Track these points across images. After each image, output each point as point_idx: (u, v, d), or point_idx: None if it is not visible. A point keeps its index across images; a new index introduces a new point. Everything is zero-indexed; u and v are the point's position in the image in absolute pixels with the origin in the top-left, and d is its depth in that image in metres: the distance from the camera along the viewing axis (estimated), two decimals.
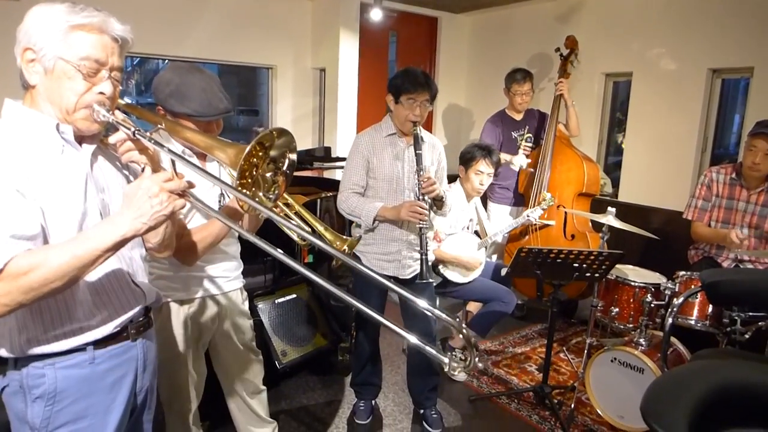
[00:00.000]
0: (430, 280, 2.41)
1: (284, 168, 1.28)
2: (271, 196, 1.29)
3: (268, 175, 1.25)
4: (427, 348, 1.11)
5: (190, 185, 1.18)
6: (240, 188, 1.23)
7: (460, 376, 3.26)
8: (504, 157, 3.97)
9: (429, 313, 1.12)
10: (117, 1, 3.78)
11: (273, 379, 2.93)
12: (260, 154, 1.24)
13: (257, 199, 1.27)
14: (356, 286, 2.75)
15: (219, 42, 4.47)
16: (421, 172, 2.40)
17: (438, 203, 2.56)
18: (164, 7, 4.14)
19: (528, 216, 3.54)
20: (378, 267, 2.58)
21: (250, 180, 1.24)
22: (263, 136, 1.22)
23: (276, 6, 4.72)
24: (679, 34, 3.85)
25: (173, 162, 1.19)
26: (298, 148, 4.71)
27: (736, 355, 2.17)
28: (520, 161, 3.91)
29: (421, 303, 1.14)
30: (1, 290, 1.04)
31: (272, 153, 1.25)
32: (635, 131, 4.20)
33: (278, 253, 1.14)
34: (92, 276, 1.22)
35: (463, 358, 3.41)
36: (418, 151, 2.41)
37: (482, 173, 3.21)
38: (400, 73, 2.50)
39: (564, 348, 3.70)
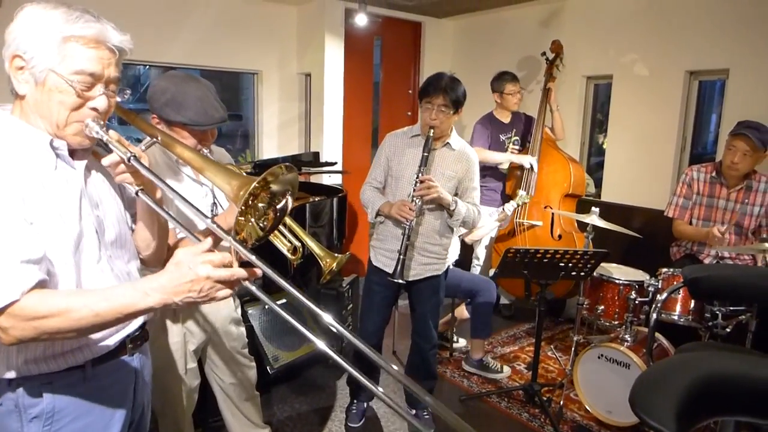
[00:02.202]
0: (400, 281, 2.42)
1: (277, 206, 1.22)
2: (261, 226, 1.22)
3: (260, 205, 1.20)
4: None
5: (252, 274, 1.08)
6: (238, 215, 1.16)
7: None
8: (505, 157, 4.02)
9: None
10: (98, 7, 3.80)
11: (265, 384, 2.94)
12: (261, 185, 1.18)
13: (250, 224, 1.21)
14: (365, 288, 2.75)
15: (203, 47, 4.47)
16: (420, 174, 2.42)
17: (448, 211, 2.55)
18: (147, 12, 4.13)
19: (504, 209, 3.58)
20: (382, 263, 2.61)
21: (244, 208, 1.17)
22: (270, 172, 1.16)
23: (261, 11, 4.73)
24: (657, 37, 3.94)
25: (234, 251, 1.08)
26: (286, 153, 4.70)
27: (719, 348, 2.23)
28: (528, 161, 3.95)
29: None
30: (13, 324, 1.01)
31: (273, 187, 1.20)
32: (616, 132, 4.28)
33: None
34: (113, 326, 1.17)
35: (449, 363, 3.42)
36: (424, 153, 2.44)
37: None
38: (429, 77, 2.54)
39: (552, 346, 3.76)
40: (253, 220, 1.20)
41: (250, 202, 1.18)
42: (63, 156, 1.17)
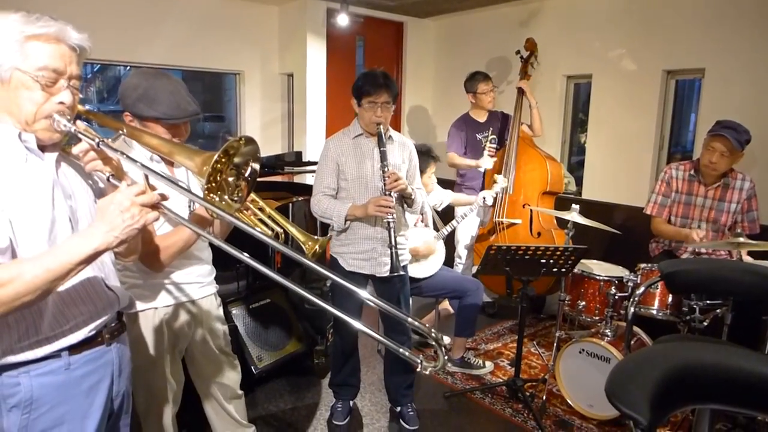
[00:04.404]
0: (401, 273, 2.46)
1: (246, 175, 1.30)
2: (236, 199, 1.30)
3: (230, 179, 1.27)
4: (401, 350, 1.21)
5: (163, 197, 1.18)
6: (207, 192, 1.25)
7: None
8: (469, 162, 4.08)
9: (404, 321, 1.21)
10: (79, 6, 3.76)
11: (249, 384, 2.93)
12: (224, 160, 1.26)
13: (224, 203, 1.29)
14: (334, 287, 2.79)
15: (185, 48, 4.44)
16: (386, 169, 2.45)
17: (408, 200, 2.61)
18: (128, 13, 4.09)
19: (484, 198, 3.60)
20: (355, 266, 2.61)
21: (214, 184, 1.25)
22: (230, 144, 1.24)
23: (242, 12, 4.72)
24: (635, 37, 4.01)
25: (146, 176, 1.20)
26: (268, 154, 4.71)
27: (694, 340, 2.28)
28: (485, 163, 4.01)
29: (394, 310, 1.23)
30: None
31: (236, 160, 1.27)
32: (596, 131, 4.35)
33: (247, 259, 1.17)
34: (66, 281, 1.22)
35: (434, 358, 3.45)
36: (382, 149, 2.47)
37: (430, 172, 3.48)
38: (361, 76, 2.56)
39: (534, 342, 3.81)
40: (226, 196, 1.28)
41: (218, 178, 1.24)
42: (32, 149, 1.21)
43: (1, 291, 1.04)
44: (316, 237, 2.15)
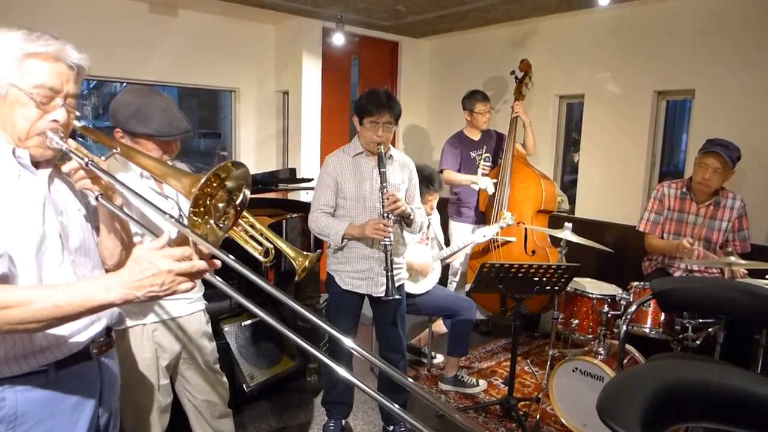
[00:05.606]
0: (396, 297, 2.45)
1: (236, 202, 1.28)
2: (221, 226, 1.27)
3: (220, 205, 1.26)
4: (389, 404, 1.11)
5: (212, 266, 1.12)
6: (192, 215, 1.21)
7: None
8: (466, 178, 4.09)
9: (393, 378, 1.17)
10: (77, 23, 3.79)
11: (240, 402, 2.90)
12: (215, 184, 1.24)
13: (209, 226, 1.27)
14: (329, 304, 2.78)
15: (181, 65, 4.47)
16: (385, 190, 2.45)
17: (406, 221, 2.61)
18: (125, 30, 4.12)
19: (484, 235, 3.63)
20: (352, 285, 2.60)
21: (202, 209, 1.23)
22: (220, 167, 1.23)
23: (239, 30, 4.76)
24: (626, 58, 4.07)
25: (193, 242, 1.13)
26: (263, 170, 4.69)
27: (686, 358, 2.27)
28: (486, 183, 4.00)
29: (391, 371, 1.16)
30: None
31: (228, 184, 1.25)
32: (588, 150, 4.38)
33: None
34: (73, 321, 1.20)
35: (428, 378, 3.42)
36: (381, 170, 2.47)
37: (430, 200, 3.42)
38: (365, 95, 2.57)
39: (528, 361, 3.79)
40: (212, 221, 1.24)
41: (207, 202, 1.22)
42: (25, 164, 1.22)
43: (10, 312, 1.03)
44: (306, 253, 2.15)
